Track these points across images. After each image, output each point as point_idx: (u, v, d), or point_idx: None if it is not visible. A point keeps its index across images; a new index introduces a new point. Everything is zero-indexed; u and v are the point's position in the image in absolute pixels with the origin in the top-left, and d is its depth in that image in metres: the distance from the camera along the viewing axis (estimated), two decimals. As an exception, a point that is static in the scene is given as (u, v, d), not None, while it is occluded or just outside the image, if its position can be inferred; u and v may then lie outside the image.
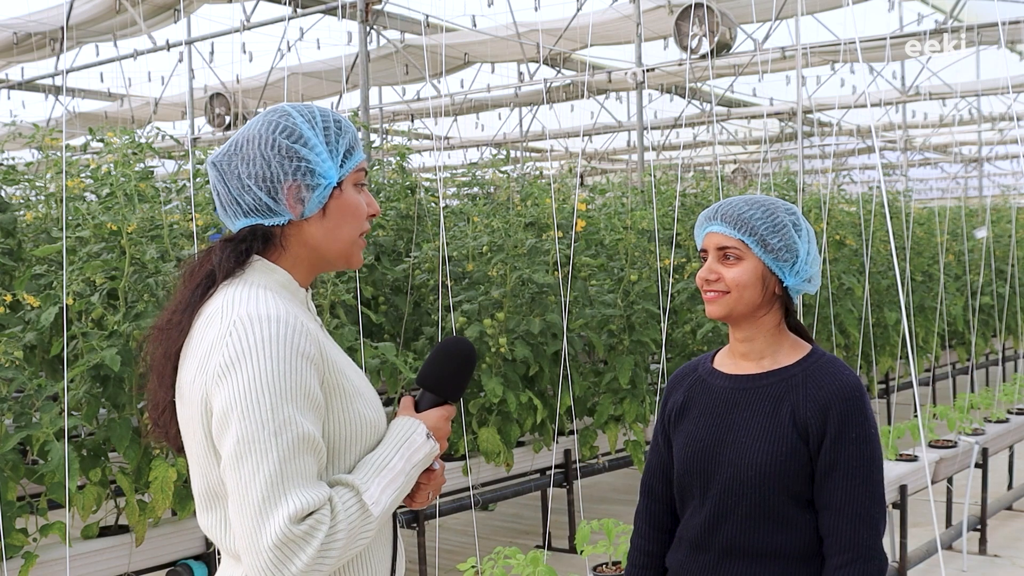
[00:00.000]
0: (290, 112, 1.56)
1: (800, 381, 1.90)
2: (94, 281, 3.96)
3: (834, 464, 1.84)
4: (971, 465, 5.61)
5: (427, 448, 1.57)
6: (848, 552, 1.83)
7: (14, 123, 8.25)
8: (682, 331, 6.14)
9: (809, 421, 1.86)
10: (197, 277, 1.56)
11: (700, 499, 1.95)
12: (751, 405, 1.92)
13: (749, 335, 1.95)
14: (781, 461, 1.85)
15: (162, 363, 1.57)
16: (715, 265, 1.92)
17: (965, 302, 9.27)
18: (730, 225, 1.91)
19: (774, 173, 9.82)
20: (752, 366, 1.96)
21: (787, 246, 1.89)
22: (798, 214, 1.95)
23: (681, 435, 2.00)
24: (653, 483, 2.10)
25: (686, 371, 2.08)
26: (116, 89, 13.82)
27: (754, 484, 1.86)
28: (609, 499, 6.79)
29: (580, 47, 12.62)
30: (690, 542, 1.98)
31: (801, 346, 1.97)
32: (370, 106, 8.82)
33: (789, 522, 1.87)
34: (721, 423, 1.94)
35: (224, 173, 1.56)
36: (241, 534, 1.40)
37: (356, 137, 1.60)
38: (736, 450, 1.89)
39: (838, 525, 1.84)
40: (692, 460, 1.95)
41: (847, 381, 1.88)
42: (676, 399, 2.04)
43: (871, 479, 1.85)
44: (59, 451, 3.44)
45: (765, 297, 1.92)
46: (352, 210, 1.59)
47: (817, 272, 1.96)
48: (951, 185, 23.51)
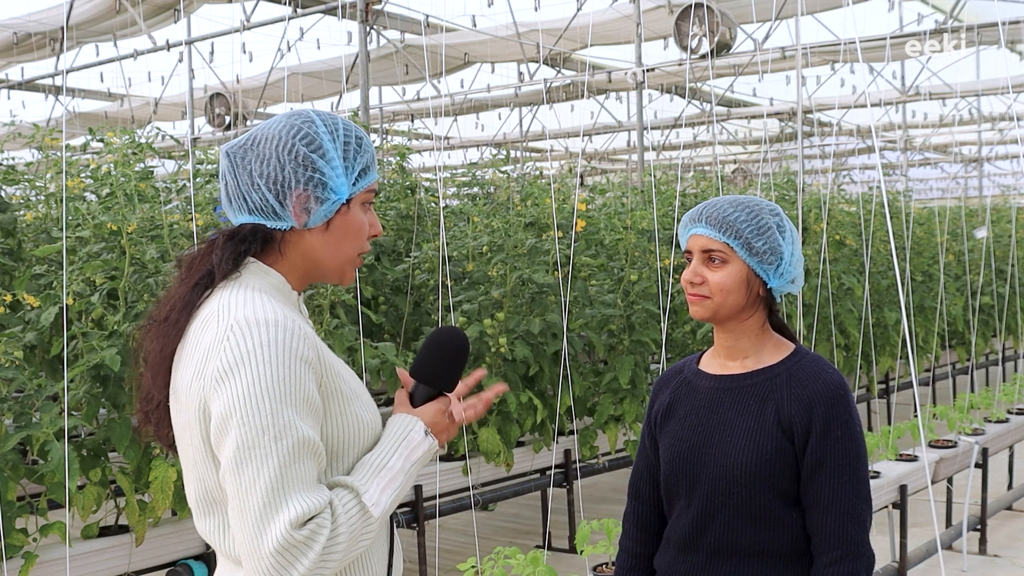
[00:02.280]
0: (314, 119, 1.55)
1: (784, 380, 1.90)
2: (94, 281, 3.96)
3: (820, 462, 1.85)
4: (971, 465, 5.61)
5: (426, 445, 1.57)
6: (837, 549, 1.83)
7: (14, 123, 8.25)
8: (682, 331, 6.14)
9: (794, 420, 1.87)
10: (196, 274, 1.55)
11: (687, 500, 1.95)
12: (736, 405, 1.92)
13: (734, 336, 1.96)
14: (767, 460, 1.86)
15: (157, 359, 1.56)
16: (699, 268, 1.93)
17: (965, 302, 9.26)
18: (715, 228, 1.90)
19: (774, 173, 9.82)
20: (737, 366, 1.97)
21: (772, 249, 1.90)
22: (782, 215, 1.95)
23: (667, 436, 2.00)
24: (640, 485, 2.10)
25: (672, 373, 2.09)
26: (116, 89, 13.82)
27: (740, 483, 1.87)
28: (609, 499, 6.79)
29: (580, 47, 12.62)
30: (678, 543, 1.98)
31: (785, 345, 1.97)
32: (370, 106, 8.81)
33: (776, 521, 1.88)
34: (707, 423, 1.94)
35: (236, 165, 1.54)
36: (242, 540, 1.40)
37: (374, 157, 1.59)
38: (722, 450, 1.89)
39: (826, 523, 1.84)
40: (678, 461, 1.96)
41: (831, 380, 1.89)
42: (662, 400, 2.05)
43: (857, 476, 1.86)
44: (59, 451, 3.44)
45: (749, 299, 1.92)
46: (355, 230, 1.59)
47: (800, 273, 1.96)
48: (951, 185, 23.51)
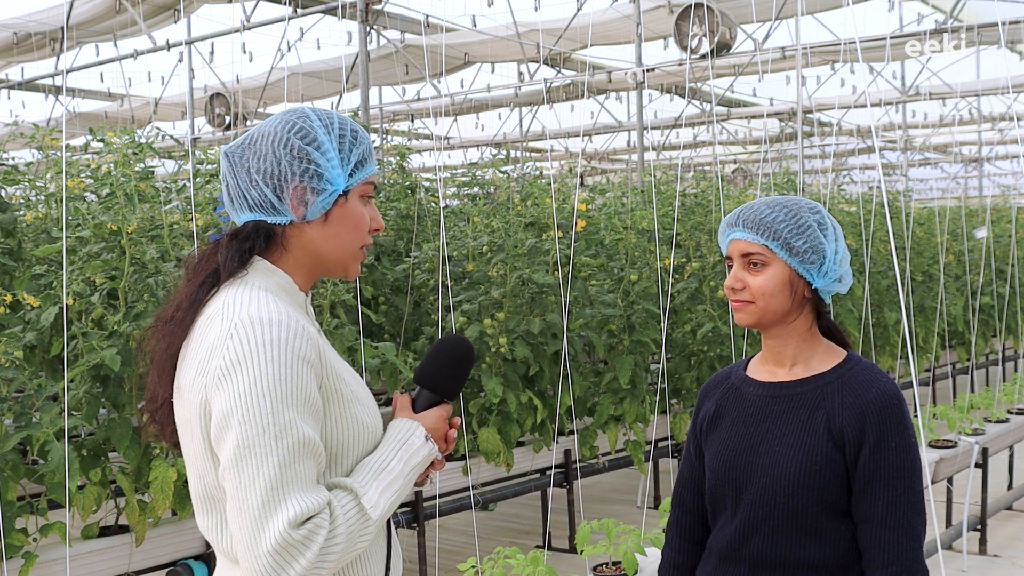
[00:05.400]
0: (309, 114, 1.57)
1: (836, 388, 1.84)
2: (94, 281, 3.96)
3: (874, 474, 1.79)
4: (971, 465, 5.61)
5: (426, 450, 1.57)
6: (893, 565, 1.77)
7: (14, 123, 8.25)
8: (682, 331, 6.14)
9: (845, 430, 1.81)
10: (202, 273, 1.56)
11: (732, 509, 1.90)
12: (785, 413, 1.87)
13: (781, 341, 1.90)
14: (816, 471, 1.80)
15: (163, 358, 1.56)
16: (740, 273, 1.87)
17: (965, 302, 9.26)
18: (752, 230, 1.85)
19: (774, 173, 9.82)
20: (785, 373, 1.91)
21: (813, 247, 1.84)
22: (823, 212, 1.89)
23: (713, 444, 1.95)
24: (684, 494, 2.04)
25: (719, 379, 2.03)
26: (116, 89, 13.82)
27: (787, 494, 1.81)
28: (609, 499, 6.79)
29: (580, 47, 12.62)
30: (720, 553, 1.93)
31: (836, 351, 1.91)
32: (370, 106, 8.81)
33: (822, 533, 1.82)
34: (754, 432, 1.88)
35: (235, 165, 1.57)
36: (240, 538, 1.39)
37: (370, 150, 1.60)
38: (770, 459, 1.84)
39: (881, 537, 1.78)
40: (724, 469, 1.90)
41: (885, 389, 1.82)
42: (708, 408, 1.99)
43: (912, 489, 1.79)
44: (59, 451, 3.44)
45: (794, 302, 1.86)
46: (354, 221, 1.59)
47: (847, 270, 1.89)
48: (951, 185, 23.51)
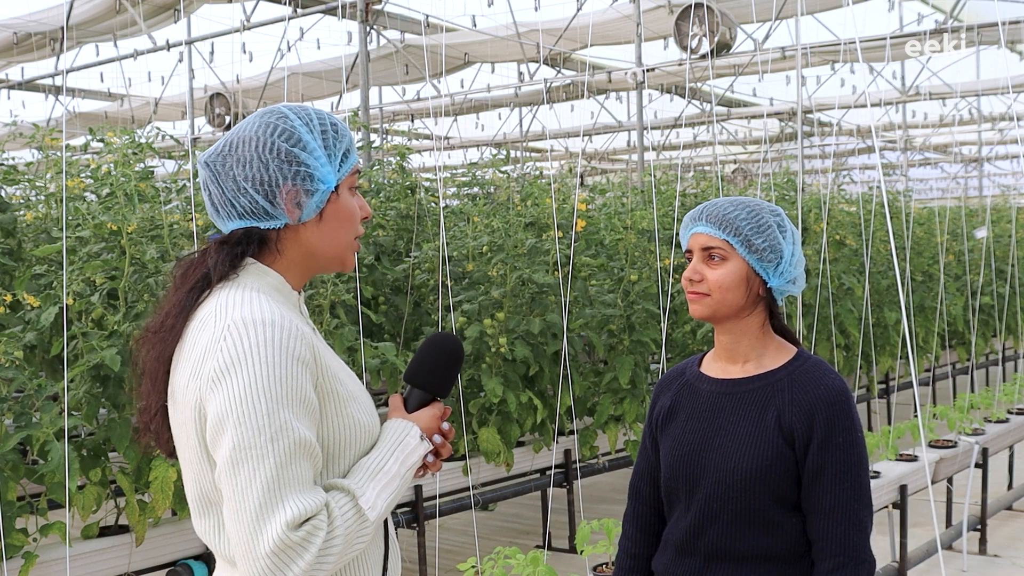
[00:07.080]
0: (287, 114, 1.54)
1: (786, 385, 1.90)
2: (94, 281, 3.96)
3: (821, 468, 1.85)
4: (971, 465, 5.61)
5: (421, 450, 1.58)
6: (839, 556, 1.83)
7: (14, 123, 8.26)
8: (682, 331, 6.14)
9: (795, 425, 1.86)
10: (191, 279, 1.54)
11: (686, 503, 1.95)
12: (737, 410, 1.92)
13: (734, 337, 1.96)
14: (767, 465, 1.86)
15: (155, 367, 1.55)
16: (699, 266, 1.93)
17: (965, 302, 9.26)
18: (715, 225, 1.91)
19: (774, 173, 9.81)
20: (737, 370, 1.96)
21: (771, 247, 1.90)
22: (783, 215, 1.96)
23: (668, 439, 2.00)
24: (640, 486, 2.11)
25: (674, 375, 2.09)
26: (116, 89, 13.83)
27: (740, 488, 1.87)
28: (609, 499, 6.79)
29: (580, 47, 12.63)
30: (676, 546, 1.98)
31: (786, 349, 1.97)
32: (370, 106, 8.82)
33: (774, 526, 1.88)
34: (707, 427, 1.94)
35: (217, 174, 1.53)
36: (237, 540, 1.39)
37: (352, 140, 1.59)
38: (722, 455, 1.89)
39: (828, 529, 1.84)
40: (678, 464, 1.96)
41: (833, 385, 1.89)
42: (664, 403, 2.05)
43: (859, 482, 1.86)
44: (59, 451, 3.44)
45: (749, 298, 1.92)
46: (348, 215, 1.59)
47: (801, 274, 1.96)
48: (951, 185, 23.53)
